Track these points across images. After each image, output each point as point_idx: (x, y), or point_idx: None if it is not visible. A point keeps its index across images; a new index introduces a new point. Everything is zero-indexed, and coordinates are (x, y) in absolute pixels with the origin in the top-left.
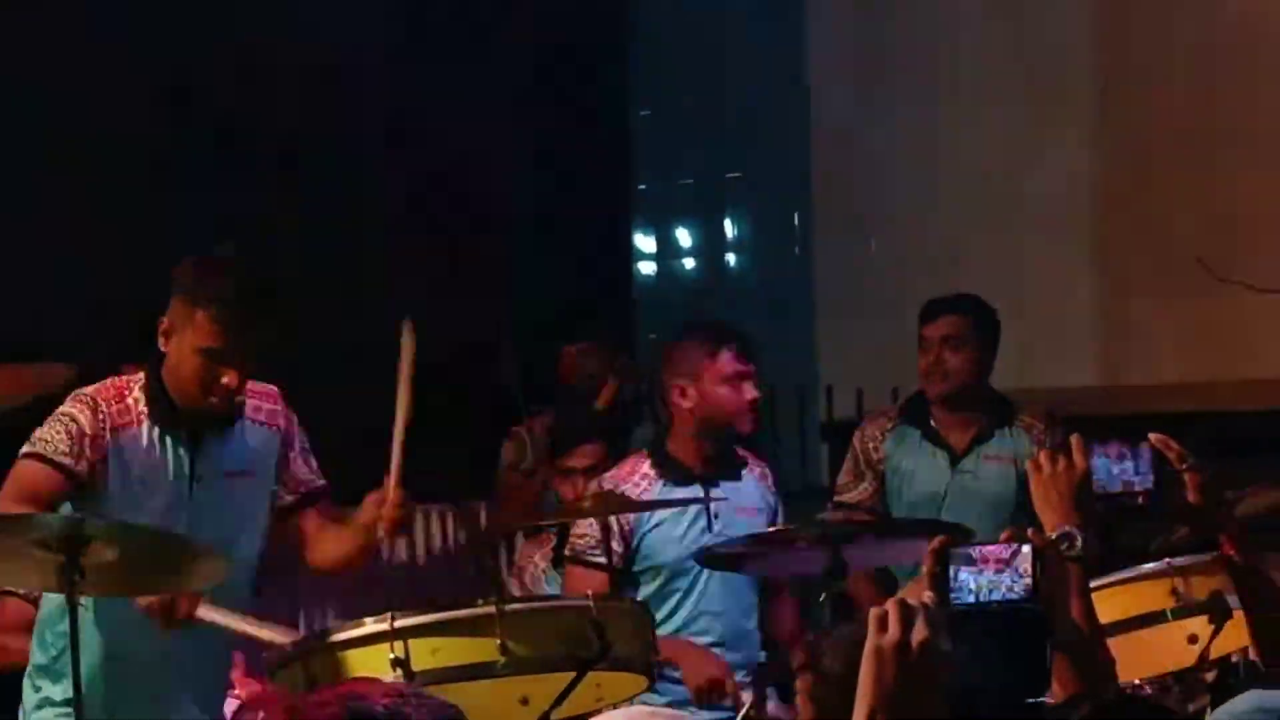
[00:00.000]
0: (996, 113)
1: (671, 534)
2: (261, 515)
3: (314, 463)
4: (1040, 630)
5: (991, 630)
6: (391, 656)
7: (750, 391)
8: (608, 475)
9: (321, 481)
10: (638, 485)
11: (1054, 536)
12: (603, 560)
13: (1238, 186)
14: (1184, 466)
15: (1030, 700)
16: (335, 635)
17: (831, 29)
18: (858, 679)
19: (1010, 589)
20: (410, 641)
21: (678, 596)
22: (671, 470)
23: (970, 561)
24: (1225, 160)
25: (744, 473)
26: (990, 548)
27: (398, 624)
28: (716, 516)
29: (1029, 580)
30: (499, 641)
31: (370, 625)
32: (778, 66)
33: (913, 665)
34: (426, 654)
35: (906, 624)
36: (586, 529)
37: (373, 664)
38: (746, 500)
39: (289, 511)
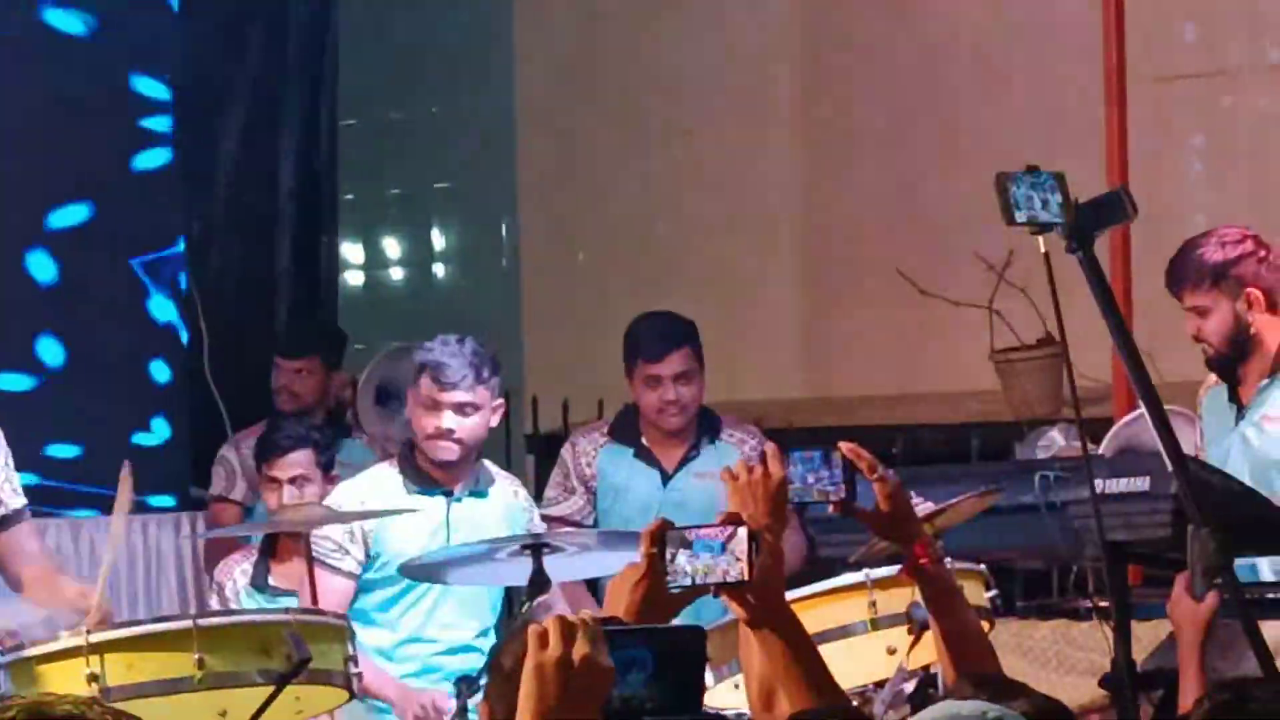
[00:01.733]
0: (704, 125)
1: (410, 544)
2: None
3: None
4: (698, 649)
5: (650, 647)
6: (87, 671)
7: (435, 421)
8: (348, 484)
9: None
10: (387, 498)
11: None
12: (342, 565)
13: (937, 199)
14: (874, 476)
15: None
16: (29, 650)
17: (540, 40)
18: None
19: (726, 572)
20: (106, 656)
21: (412, 604)
22: (416, 480)
23: (686, 545)
24: (925, 174)
25: (491, 490)
26: (706, 530)
27: (93, 638)
28: (456, 528)
29: (744, 564)
30: (196, 656)
31: (65, 639)
32: (486, 76)
33: (573, 681)
34: (123, 669)
35: (567, 640)
36: (328, 532)
37: (68, 678)
38: (488, 517)
39: None
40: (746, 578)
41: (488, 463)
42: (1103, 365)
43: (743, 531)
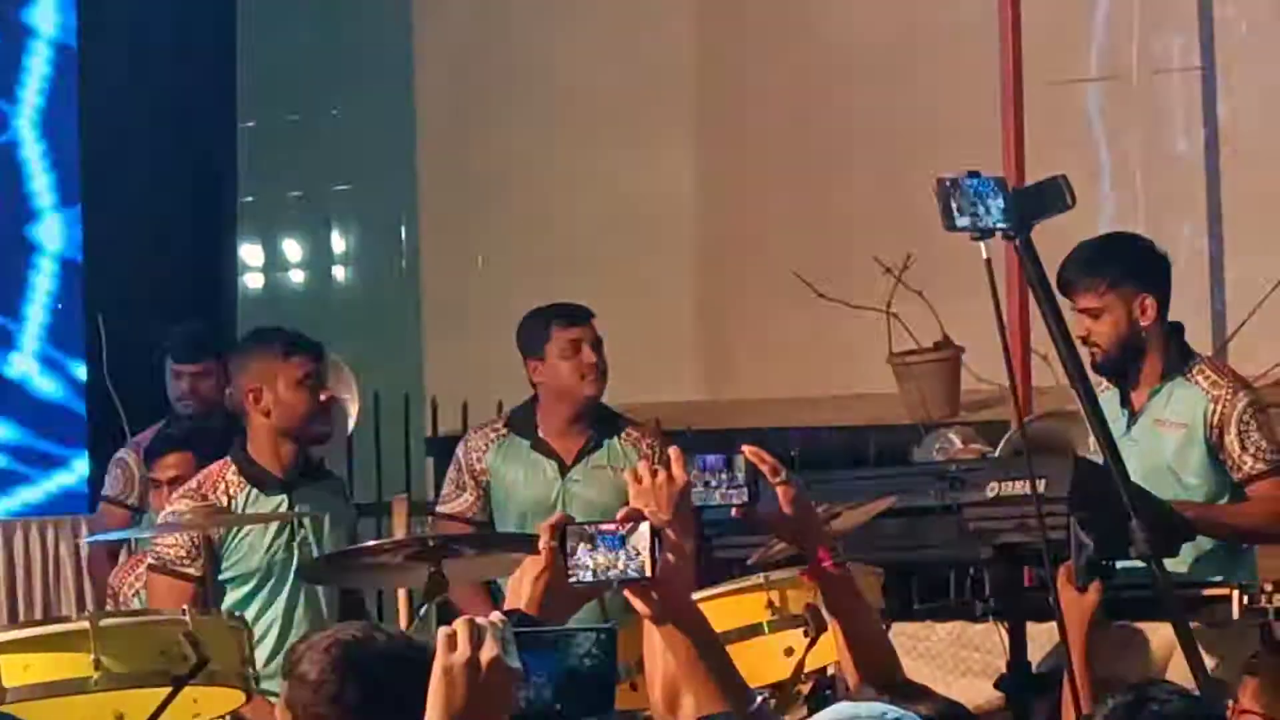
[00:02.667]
0: (604, 128)
1: (258, 542)
2: None
3: None
4: (608, 650)
5: (559, 649)
6: None
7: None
8: (193, 483)
9: None
10: (227, 493)
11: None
12: (191, 571)
13: (835, 202)
14: (777, 480)
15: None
16: None
17: (439, 41)
18: (335, 684)
19: (628, 567)
20: (2, 657)
21: (262, 604)
22: (254, 476)
23: (588, 539)
24: (823, 176)
25: (326, 482)
26: (607, 525)
27: None
28: (301, 525)
29: (645, 558)
30: (93, 657)
31: None
32: (385, 78)
33: (482, 683)
34: (18, 670)
35: (475, 642)
36: (176, 538)
37: None
38: (329, 509)
39: None
40: (649, 573)
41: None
42: (1000, 369)
43: (645, 527)
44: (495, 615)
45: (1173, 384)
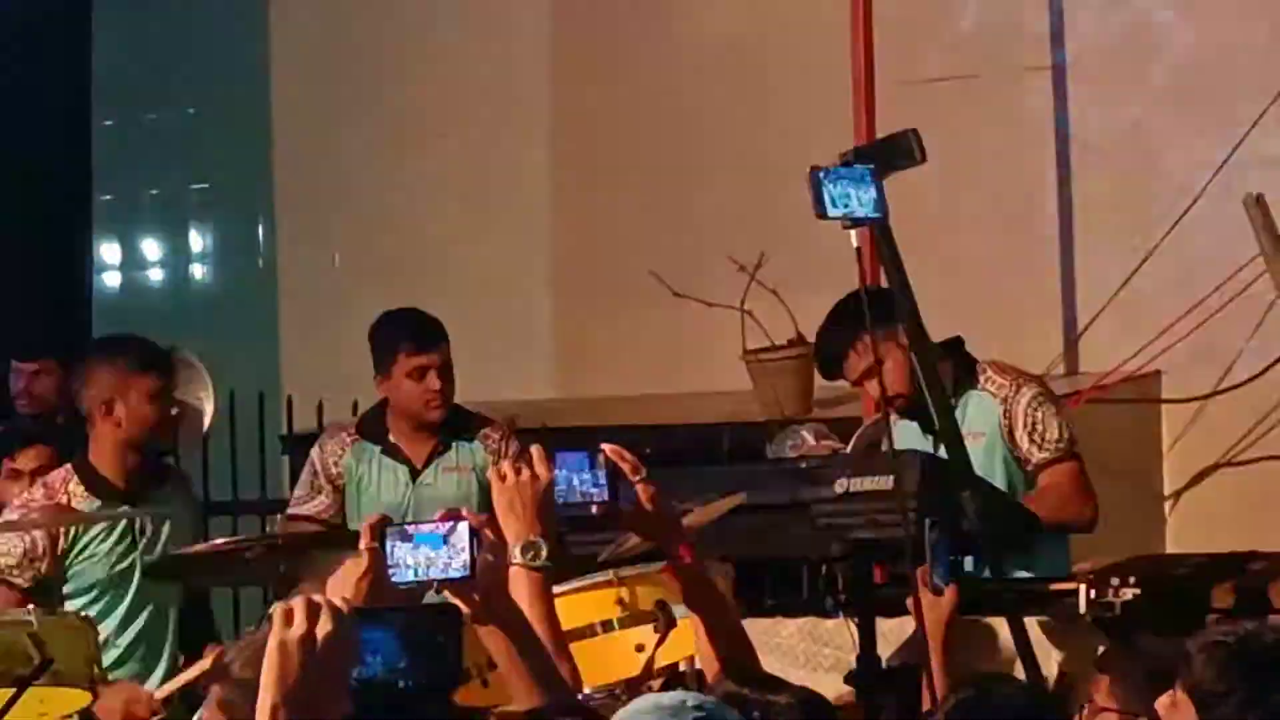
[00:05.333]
0: (458, 123)
1: (99, 550)
2: None
3: None
4: (451, 627)
5: (403, 624)
6: None
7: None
8: (37, 489)
9: None
10: (69, 503)
11: (518, 547)
12: (20, 580)
13: (690, 201)
14: (637, 478)
15: (438, 693)
16: None
17: (295, 40)
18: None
19: (448, 565)
20: None
21: (104, 613)
22: (99, 487)
23: (407, 538)
24: (678, 175)
25: (168, 486)
26: (426, 524)
27: None
28: (143, 532)
29: (466, 556)
30: None
31: None
32: (241, 77)
33: (317, 659)
34: None
35: (312, 618)
36: (8, 547)
37: None
38: (171, 509)
39: None
40: (468, 572)
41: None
42: None
43: (463, 526)
44: (333, 594)
45: (965, 396)
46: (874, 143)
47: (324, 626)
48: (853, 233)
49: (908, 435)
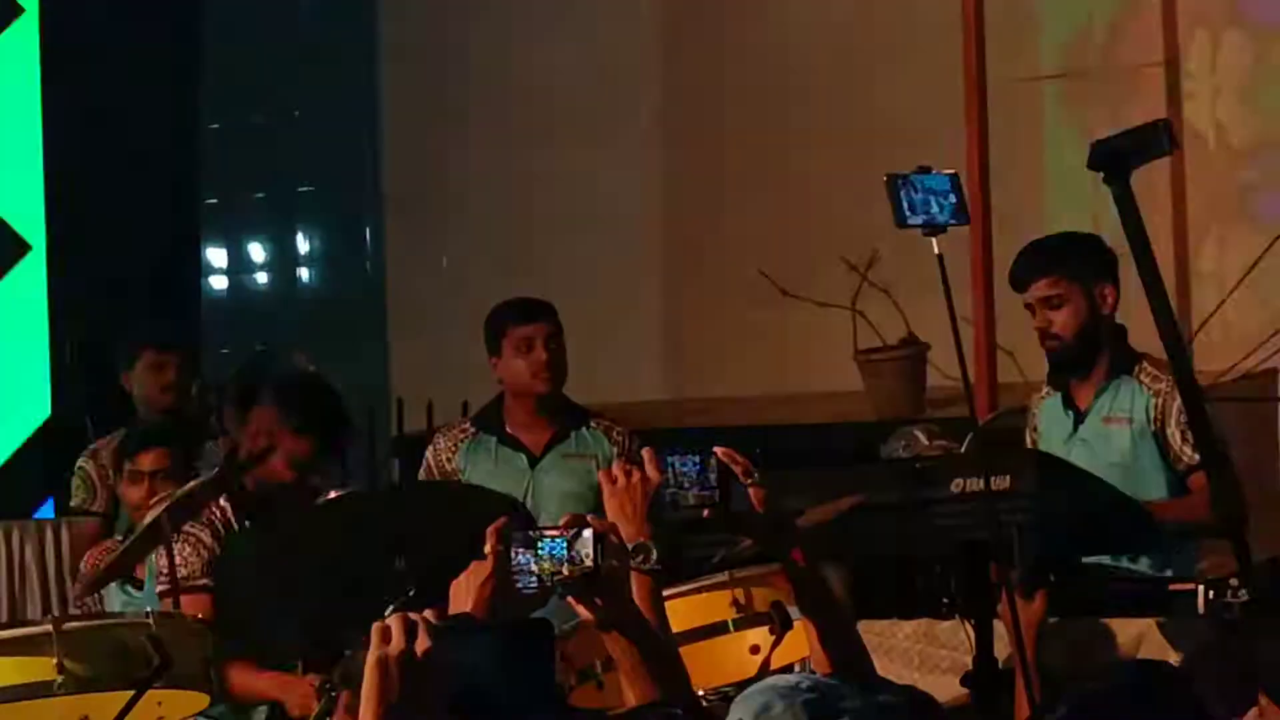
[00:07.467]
0: (567, 126)
1: None
2: None
3: None
4: (545, 643)
5: (497, 639)
6: None
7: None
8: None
9: None
10: (221, 516)
11: (629, 549)
12: (202, 583)
13: (801, 201)
14: (749, 480)
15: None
16: None
17: (405, 42)
18: None
19: (571, 573)
20: None
21: None
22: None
23: (531, 544)
24: (789, 175)
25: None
26: (551, 530)
27: None
28: None
29: (590, 562)
30: (56, 661)
31: None
32: (350, 79)
33: (416, 676)
34: None
35: (410, 634)
36: (183, 558)
37: None
38: None
39: None
40: (591, 579)
41: None
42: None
43: (588, 533)
44: (429, 612)
45: (1119, 381)
46: (1122, 133)
47: (421, 643)
48: (934, 240)
49: (1050, 412)
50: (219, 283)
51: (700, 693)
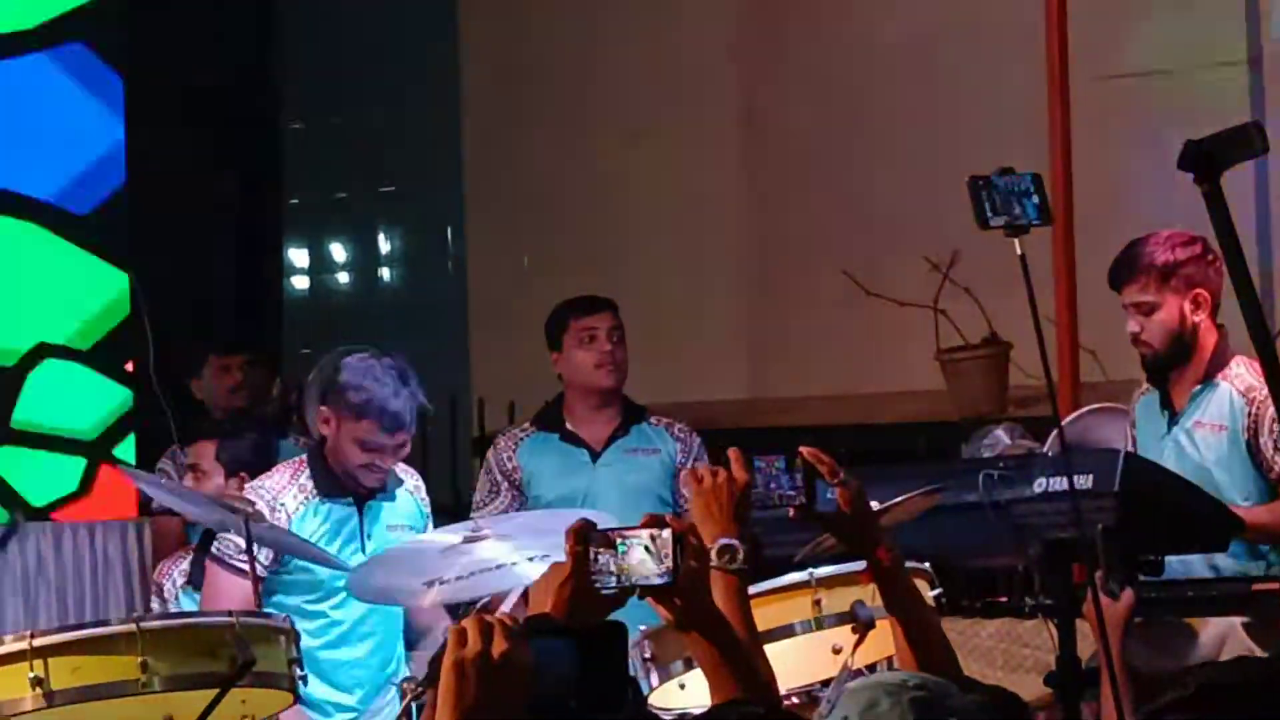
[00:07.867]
0: (647, 125)
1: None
2: None
3: None
4: (619, 645)
5: (570, 644)
6: (31, 675)
7: (371, 458)
8: (260, 481)
9: None
10: (295, 498)
11: (714, 549)
12: (245, 566)
13: (882, 199)
14: (835, 480)
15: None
16: None
17: (486, 42)
18: None
19: (650, 573)
20: (50, 660)
21: (328, 610)
22: (325, 484)
23: (610, 545)
24: (870, 174)
25: (398, 490)
26: (631, 531)
27: (36, 642)
28: (369, 537)
29: (670, 562)
30: (140, 659)
31: (9, 643)
32: (431, 80)
33: (493, 678)
34: (66, 672)
35: (486, 636)
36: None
37: (11, 682)
38: (396, 517)
39: None
40: (671, 580)
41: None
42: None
43: (667, 533)
44: (505, 613)
45: (1214, 384)
46: (1213, 135)
47: (498, 645)
48: (1016, 241)
49: (1147, 409)
50: (300, 283)
51: (782, 692)
